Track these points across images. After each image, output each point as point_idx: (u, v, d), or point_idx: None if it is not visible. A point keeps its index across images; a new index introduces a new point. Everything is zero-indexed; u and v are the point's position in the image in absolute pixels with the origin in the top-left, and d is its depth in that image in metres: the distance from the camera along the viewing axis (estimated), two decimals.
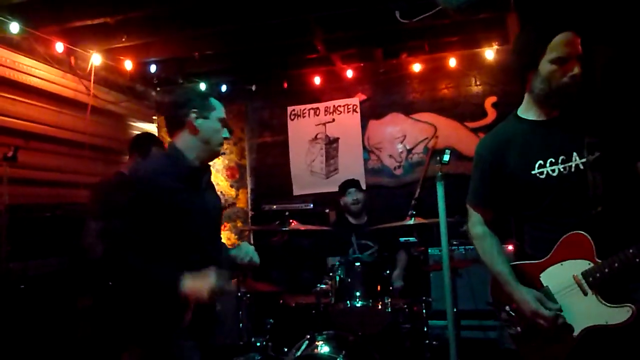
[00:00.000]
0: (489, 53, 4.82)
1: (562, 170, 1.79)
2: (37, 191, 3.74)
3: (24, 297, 3.16)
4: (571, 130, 1.81)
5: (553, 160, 1.81)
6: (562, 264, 1.76)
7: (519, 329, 1.82)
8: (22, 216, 3.31)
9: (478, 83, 5.12)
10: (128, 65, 4.51)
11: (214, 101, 2.14)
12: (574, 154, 1.78)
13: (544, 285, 1.80)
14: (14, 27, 3.51)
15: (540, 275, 1.81)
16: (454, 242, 4.24)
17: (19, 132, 3.65)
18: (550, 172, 1.80)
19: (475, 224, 2.01)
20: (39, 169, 3.80)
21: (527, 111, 1.92)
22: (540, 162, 1.82)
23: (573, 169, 1.78)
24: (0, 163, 2.89)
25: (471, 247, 4.28)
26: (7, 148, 3.00)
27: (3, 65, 3.58)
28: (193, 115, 2.05)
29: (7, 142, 3.34)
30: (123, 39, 4.12)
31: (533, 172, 1.82)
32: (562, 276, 1.75)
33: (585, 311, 1.69)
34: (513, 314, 1.83)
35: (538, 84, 1.80)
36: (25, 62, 3.77)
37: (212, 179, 2.25)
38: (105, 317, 3.12)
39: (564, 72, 1.74)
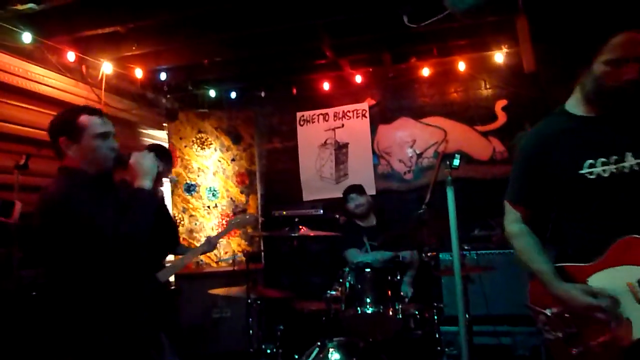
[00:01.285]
0: (499, 56, 4.80)
1: (614, 170, 1.69)
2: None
3: (35, 304, 3.18)
4: (624, 129, 1.72)
5: (605, 160, 1.71)
6: (614, 269, 1.65)
7: (559, 334, 1.72)
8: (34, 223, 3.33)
9: (488, 86, 5.09)
10: (138, 73, 4.55)
11: (85, 119, 2.01)
12: (628, 154, 1.68)
13: None
14: (27, 37, 3.56)
15: (588, 279, 1.70)
16: (466, 247, 4.20)
17: (31, 140, 3.68)
18: (602, 173, 1.70)
19: (513, 221, 1.93)
20: (50, 176, 3.81)
21: (576, 106, 1.82)
22: (590, 161, 1.72)
23: (627, 170, 1.68)
24: (12, 171, 2.91)
25: (483, 252, 4.28)
26: (18, 156, 3.03)
27: (16, 75, 3.62)
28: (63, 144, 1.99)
29: (19, 150, 3.37)
30: (133, 48, 4.16)
31: (581, 171, 1.73)
32: (613, 282, 1.64)
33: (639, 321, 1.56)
34: (554, 318, 1.73)
35: (589, 83, 1.72)
36: (37, 71, 3.81)
37: (222, 185, 2.25)
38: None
39: (619, 75, 1.64)
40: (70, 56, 3.96)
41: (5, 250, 2.62)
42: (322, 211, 5.08)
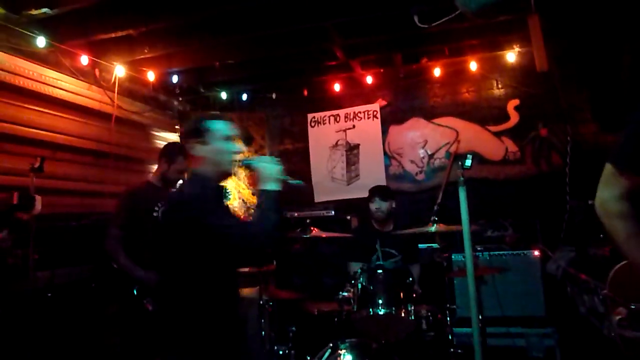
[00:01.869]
0: (511, 55, 4.77)
1: None
2: (63, 201, 3.82)
3: (51, 305, 3.22)
4: None
5: None
6: None
7: None
8: (49, 225, 3.37)
9: (500, 86, 5.06)
10: (151, 76, 4.59)
11: (214, 123, 2.18)
12: None
13: None
14: (41, 42, 3.61)
15: None
16: (478, 248, 4.18)
17: (46, 143, 3.73)
18: None
19: (619, 197, 1.54)
20: (64, 178, 3.87)
21: None
22: None
23: None
24: (28, 173, 2.95)
25: (496, 252, 4.25)
26: (34, 159, 3.07)
27: (30, 79, 3.67)
28: (195, 145, 2.15)
29: (34, 152, 3.42)
30: (145, 51, 4.20)
31: None
32: None
33: None
34: (636, 316, 1.53)
35: None
36: (51, 75, 3.86)
37: (234, 187, 2.30)
38: (133, 323, 3.15)
39: None
40: (84, 60, 4.01)
41: (22, 251, 2.66)
42: (333, 212, 5.08)
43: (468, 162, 2.79)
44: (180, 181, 3.47)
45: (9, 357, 2.67)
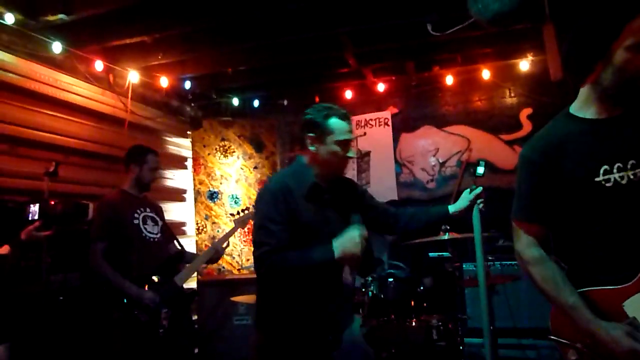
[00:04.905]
0: (524, 64, 4.75)
1: (631, 177, 1.53)
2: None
3: (63, 309, 3.23)
4: (639, 131, 1.55)
5: (621, 166, 1.54)
6: None
7: None
8: (62, 229, 3.39)
9: (512, 95, 5.04)
10: (164, 82, 4.63)
11: (334, 122, 2.08)
12: None
13: (629, 316, 1.49)
14: (57, 47, 3.66)
15: (624, 304, 1.50)
16: (490, 258, 4.14)
17: (60, 148, 3.77)
18: (619, 179, 1.53)
19: (528, 245, 1.68)
20: (78, 183, 3.91)
21: (582, 108, 1.64)
22: (606, 167, 1.55)
23: None
24: (42, 178, 2.98)
25: (508, 262, 4.21)
26: (48, 163, 3.10)
27: (46, 83, 3.71)
28: (309, 140, 2.08)
29: (48, 157, 3.45)
30: (159, 57, 4.24)
31: (597, 179, 1.55)
32: None
33: None
34: (588, 352, 1.51)
35: (608, 76, 1.53)
36: (66, 80, 3.90)
37: (244, 193, 2.27)
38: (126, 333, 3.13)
39: None
40: (99, 65, 4.05)
41: (35, 254, 2.68)
42: None
43: (480, 170, 2.77)
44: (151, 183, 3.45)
45: (23, 356, 2.69)
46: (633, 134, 1.56)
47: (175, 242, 3.49)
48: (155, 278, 3.18)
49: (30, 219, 2.23)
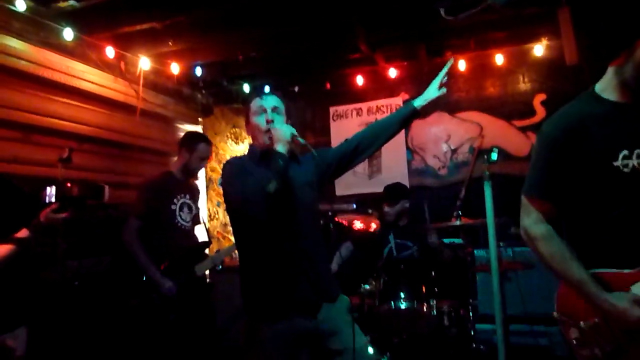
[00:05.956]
0: (538, 49, 4.67)
1: None
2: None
3: (78, 294, 3.28)
4: None
5: None
6: None
7: (596, 350, 1.52)
8: (77, 216, 3.43)
9: (526, 80, 4.96)
10: (175, 69, 4.63)
11: (252, 102, 2.25)
12: None
13: None
14: (68, 34, 3.66)
15: (631, 287, 1.52)
16: (501, 244, 4.12)
17: (73, 135, 3.80)
18: (637, 166, 1.52)
19: (537, 222, 1.67)
20: (91, 170, 3.94)
21: (607, 90, 1.63)
22: (625, 152, 1.54)
23: None
24: (56, 164, 3.00)
25: (519, 248, 4.18)
26: (61, 150, 3.12)
27: (58, 71, 3.73)
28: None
29: (61, 144, 3.48)
30: (170, 44, 4.23)
31: (615, 163, 1.54)
32: None
33: None
34: (590, 332, 1.54)
35: (630, 69, 1.53)
36: (78, 67, 3.92)
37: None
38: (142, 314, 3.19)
39: None
40: (110, 52, 4.06)
41: (50, 240, 2.71)
42: (354, 206, 5.07)
43: (494, 156, 2.75)
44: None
45: (39, 340, 2.73)
46: None
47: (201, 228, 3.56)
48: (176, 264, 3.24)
49: (47, 201, 2.25)
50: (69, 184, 2.39)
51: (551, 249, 1.64)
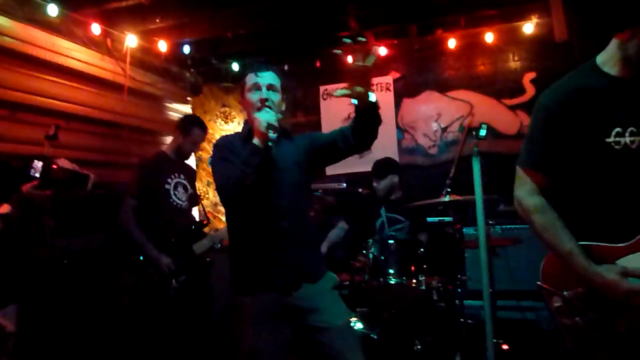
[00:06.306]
0: (528, 27, 4.66)
1: None
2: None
3: (67, 272, 3.28)
4: None
5: (634, 130, 1.53)
6: None
7: (577, 318, 1.56)
8: (63, 195, 3.41)
9: (516, 58, 4.96)
10: (162, 46, 4.55)
11: (247, 77, 2.17)
12: None
13: None
14: (53, 10, 3.58)
15: (617, 261, 1.54)
16: (490, 222, 4.16)
17: (59, 113, 3.74)
18: (629, 143, 1.52)
19: (530, 193, 1.68)
20: (78, 148, 3.90)
21: (608, 63, 1.61)
22: (619, 129, 1.54)
23: None
24: (42, 142, 2.97)
25: (508, 226, 4.23)
26: (48, 128, 3.08)
27: (43, 48, 3.65)
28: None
29: (48, 122, 3.40)
30: (157, 20, 4.17)
31: (608, 139, 1.54)
32: None
33: None
34: (572, 301, 1.57)
35: (633, 47, 1.51)
36: (64, 44, 3.84)
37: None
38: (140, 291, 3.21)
39: None
40: (96, 29, 3.98)
41: (38, 218, 2.70)
42: (345, 185, 5.08)
43: (483, 132, 2.76)
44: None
45: (28, 319, 2.74)
46: None
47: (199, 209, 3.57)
48: (174, 243, 3.27)
49: (32, 174, 2.23)
50: (54, 166, 2.36)
51: (543, 220, 1.65)
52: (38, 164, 2.25)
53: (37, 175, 2.23)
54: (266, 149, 1.97)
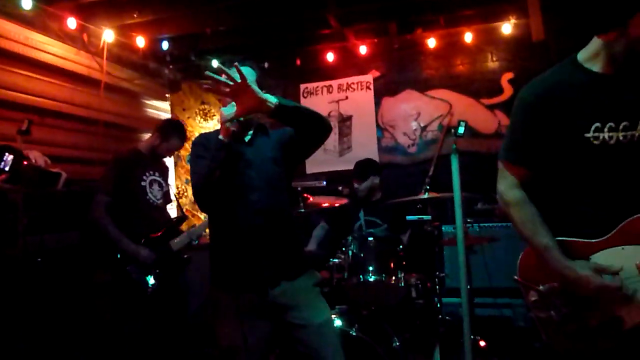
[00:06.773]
0: (506, 27, 4.72)
1: (621, 138, 1.52)
2: (51, 167, 3.77)
3: (41, 270, 3.21)
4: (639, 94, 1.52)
5: (613, 125, 1.53)
6: (622, 248, 1.51)
7: (552, 312, 1.57)
8: (38, 191, 3.34)
9: (494, 59, 5.02)
10: (140, 42, 4.49)
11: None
12: None
13: None
14: (26, 3, 3.50)
15: (591, 256, 1.55)
16: (469, 220, 4.20)
17: (34, 109, 3.66)
18: (607, 139, 1.53)
19: (511, 186, 1.70)
20: (53, 145, 3.82)
21: (590, 60, 1.60)
22: (597, 124, 1.54)
23: (636, 139, 1.51)
24: (15, 137, 2.90)
25: (486, 224, 4.28)
26: (21, 123, 3.01)
27: (16, 41, 3.57)
28: None
29: (21, 117, 3.33)
30: (135, 15, 4.10)
31: (587, 134, 1.55)
32: (620, 262, 1.49)
33: None
34: (547, 295, 1.59)
35: (620, 46, 1.50)
36: (38, 38, 3.76)
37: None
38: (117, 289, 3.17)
39: None
40: (71, 23, 3.90)
41: (11, 216, 2.63)
42: (325, 183, 5.08)
43: (461, 129, 2.78)
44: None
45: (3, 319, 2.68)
46: (633, 96, 1.54)
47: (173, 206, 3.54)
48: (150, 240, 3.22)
49: (2, 167, 2.18)
50: (25, 162, 2.30)
51: (522, 214, 1.66)
52: (8, 157, 2.19)
53: (7, 169, 2.17)
54: (226, 143, 1.98)
